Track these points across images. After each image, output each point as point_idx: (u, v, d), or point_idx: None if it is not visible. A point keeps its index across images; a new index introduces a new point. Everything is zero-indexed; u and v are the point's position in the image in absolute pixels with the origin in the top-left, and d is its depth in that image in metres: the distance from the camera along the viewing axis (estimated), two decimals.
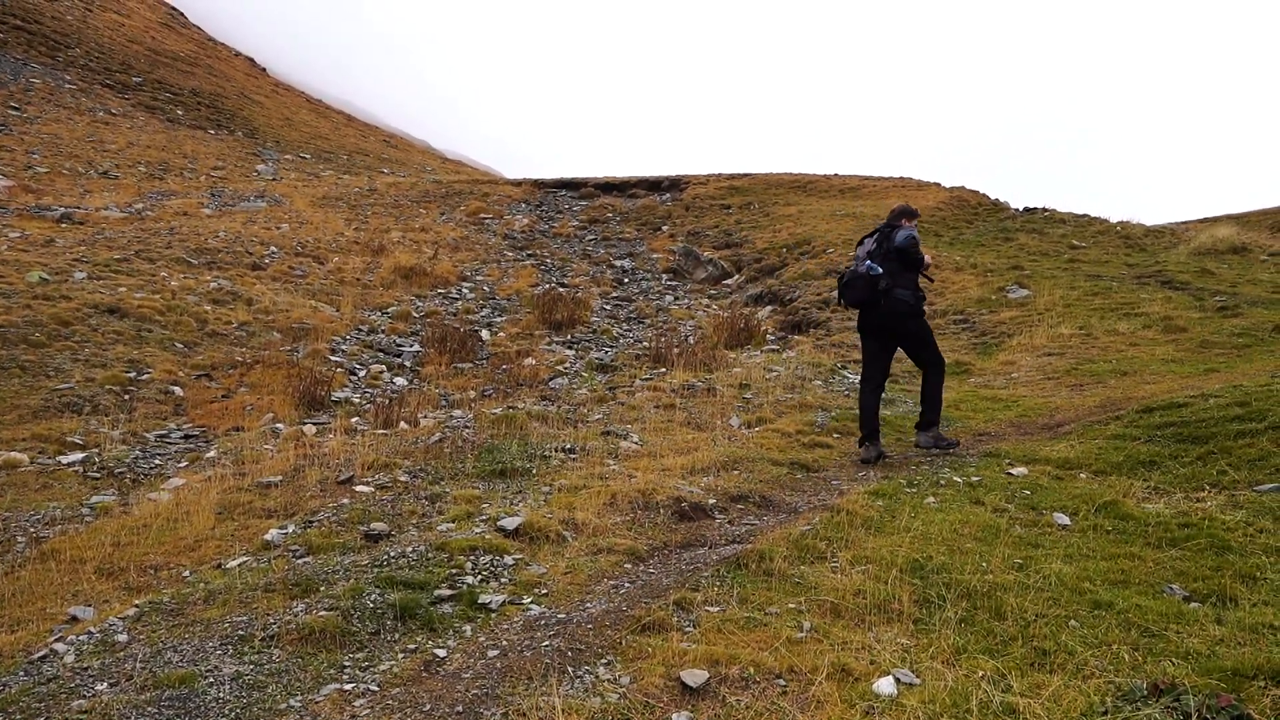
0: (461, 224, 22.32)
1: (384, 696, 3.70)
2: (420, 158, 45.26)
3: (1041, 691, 3.40)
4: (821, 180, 26.28)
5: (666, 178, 27.43)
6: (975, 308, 14.19)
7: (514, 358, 12.60)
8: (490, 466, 6.97)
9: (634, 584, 4.86)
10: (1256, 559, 4.77)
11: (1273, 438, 6.51)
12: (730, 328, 13.36)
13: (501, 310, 15.87)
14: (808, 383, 10.06)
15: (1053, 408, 9.07)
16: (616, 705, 3.53)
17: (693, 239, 21.32)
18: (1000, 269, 16.32)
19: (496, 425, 8.24)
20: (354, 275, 16.60)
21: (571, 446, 7.51)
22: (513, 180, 29.35)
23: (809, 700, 3.48)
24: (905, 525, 5.36)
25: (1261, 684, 3.39)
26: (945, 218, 21.06)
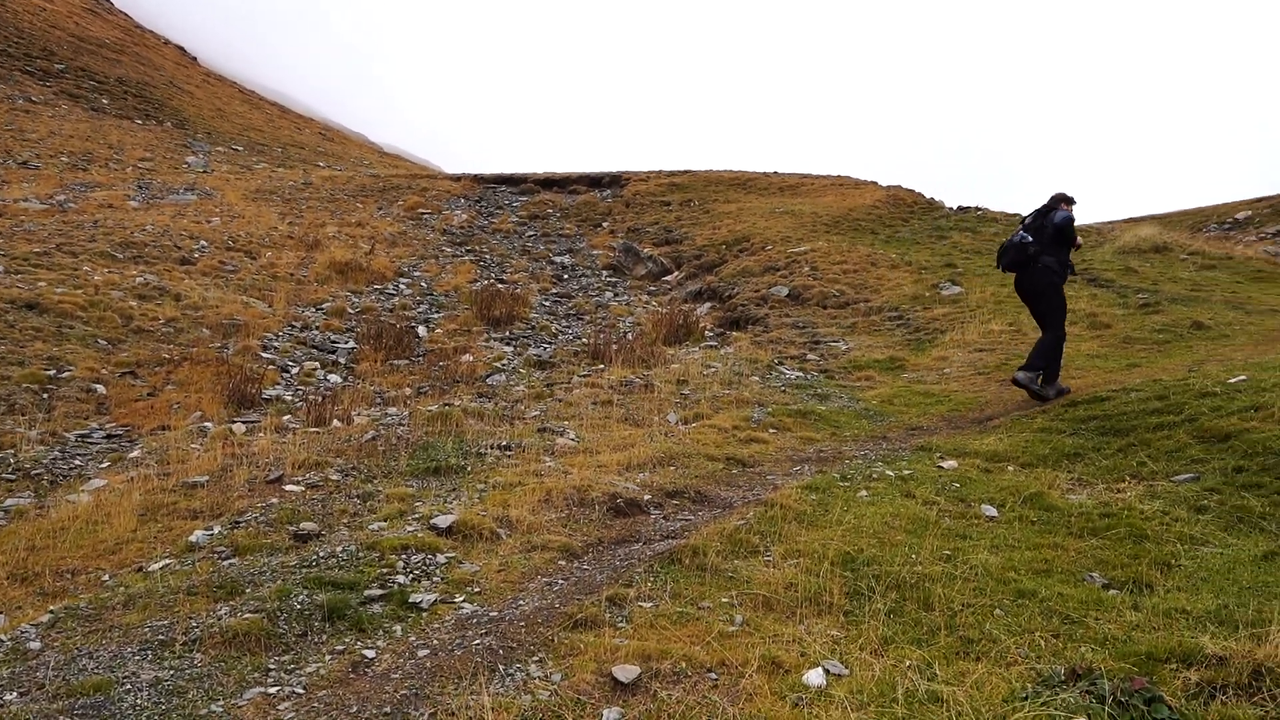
0: (399, 219, 22.01)
1: (309, 699, 3.63)
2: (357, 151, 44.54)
3: (966, 679, 3.46)
4: (761, 178, 26.46)
5: (607, 174, 27.38)
6: (910, 304, 14.41)
7: (451, 354, 12.46)
8: (424, 464, 6.88)
9: (568, 581, 4.84)
10: (1172, 547, 4.92)
11: (1189, 430, 6.73)
12: (669, 324, 13.39)
13: (439, 306, 15.69)
14: (745, 379, 10.12)
15: (983, 402, 9.26)
16: (547, 703, 3.51)
17: (633, 235, 21.32)
18: (934, 266, 16.60)
19: (432, 423, 8.15)
20: (288, 270, 16.26)
21: (508, 444, 7.45)
22: (452, 175, 29.04)
23: (740, 693, 3.50)
24: (838, 519, 5.42)
25: (1174, 667, 3.50)
26: (882, 216, 21.36)
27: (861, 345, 12.54)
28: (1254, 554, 4.73)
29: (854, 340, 12.85)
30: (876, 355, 11.87)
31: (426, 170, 39.19)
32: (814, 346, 12.47)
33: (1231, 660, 3.42)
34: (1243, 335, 11.83)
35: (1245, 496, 5.50)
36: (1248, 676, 3.34)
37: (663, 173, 27.18)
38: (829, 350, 12.28)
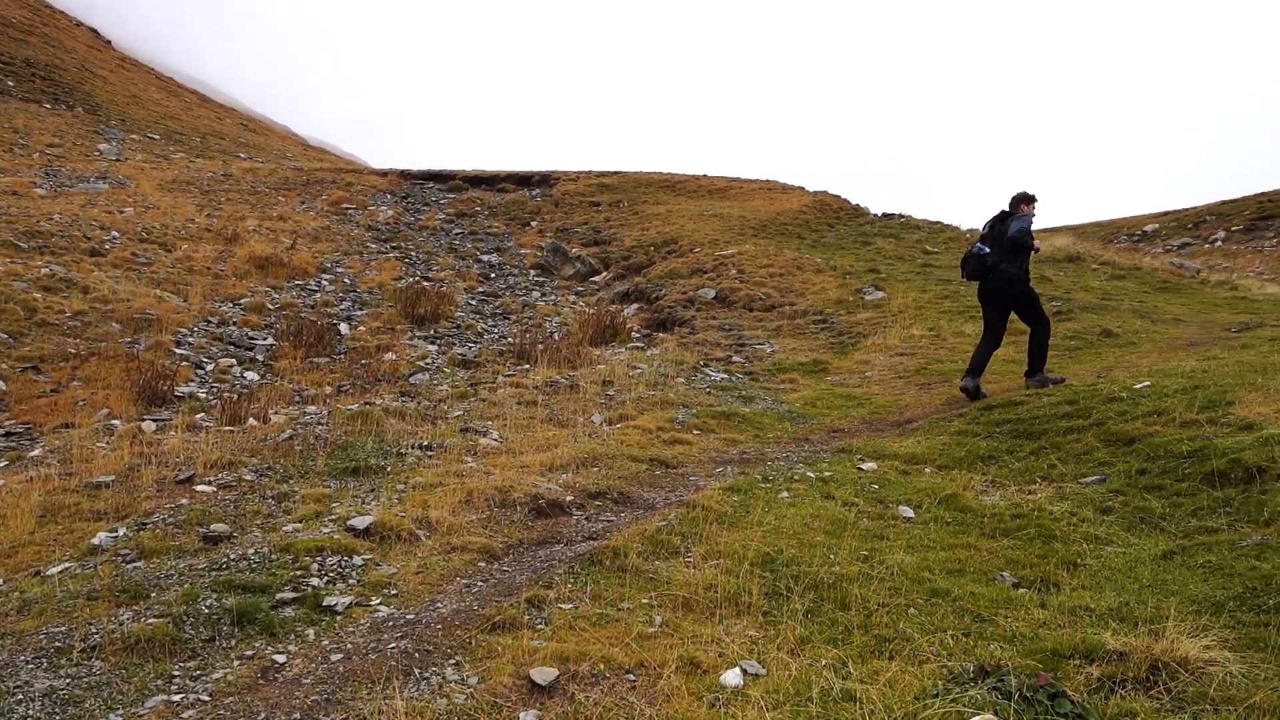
0: (323, 214, 21.56)
1: (215, 706, 3.51)
2: (281, 143, 43.49)
3: (879, 677, 3.51)
4: (690, 180, 26.62)
5: (537, 173, 27.24)
6: (834, 309, 14.64)
7: (374, 352, 12.25)
8: (343, 464, 6.74)
9: (487, 583, 4.79)
10: (1078, 546, 5.08)
11: (1096, 434, 6.95)
12: (596, 325, 13.36)
13: (362, 303, 15.40)
14: (670, 380, 10.15)
15: (903, 405, 9.44)
16: (463, 706, 3.46)
17: (562, 235, 21.24)
18: (858, 272, 16.90)
19: (352, 422, 7.99)
20: (204, 264, 15.79)
21: (429, 444, 7.34)
22: (378, 170, 28.56)
23: (657, 694, 3.49)
24: (759, 520, 5.46)
25: (1077, 663, 3.60)
26: (808, 221, 21.66)
27: (786, 348, 12.69)
28: (1154, 553, 4.90)
29: (779, 343, 13.00)
30: (801, 358, 12.02)
31: (352, 164, 38.47)
32: (739, 349, 12.58)
33: (1131, 655, 3.53)
34: (1148, 343, 12.29)
35: (1147, 498, 5.70)
36: (1146, 671, 3.45)
37: (592, 173, 27.15)
38: (754, 353, 12.40)
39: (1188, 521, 5.28)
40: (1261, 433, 5.88)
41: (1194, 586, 4.35)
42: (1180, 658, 3.46)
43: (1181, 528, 5.23)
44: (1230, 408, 6.59)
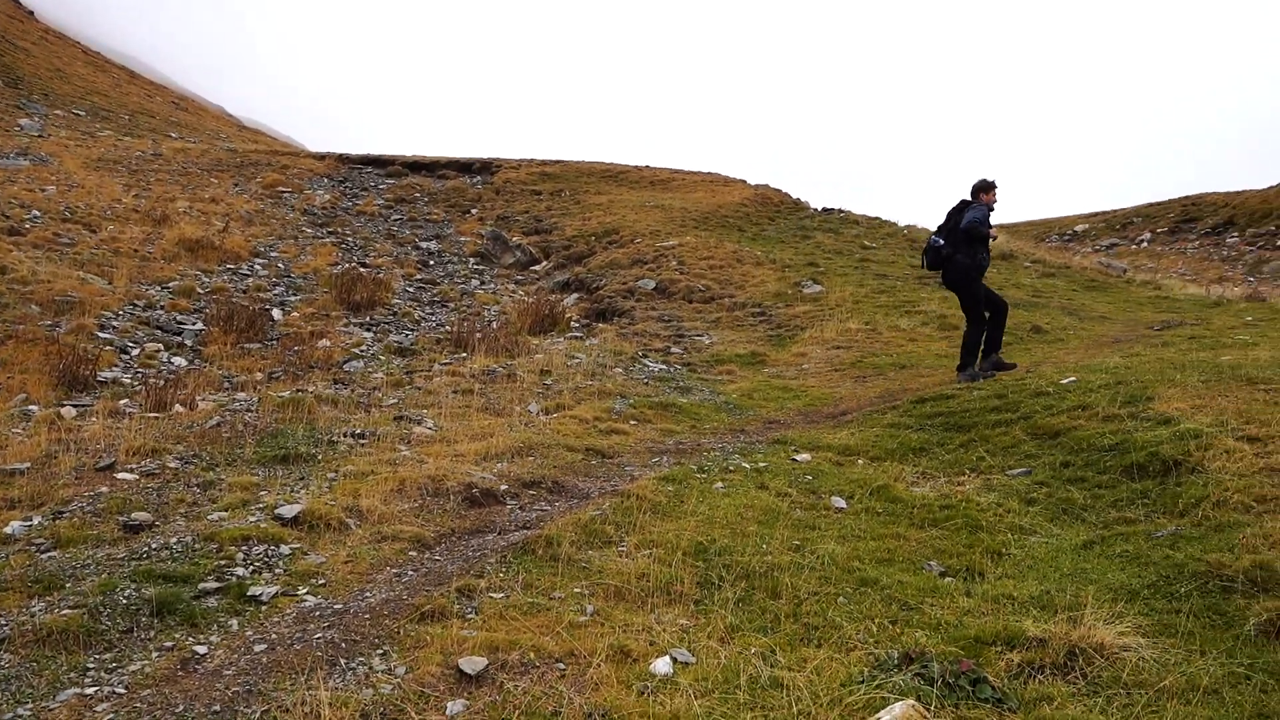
0: (257, 196, 21.06)
1: (131, 699, 3.41)
2: (214, 123, 42.37)
3: (807, 665, 3.55)
4: (633, 171, 26.59)
5: (478, 160, 26.97)
6: (772, 301, 14.75)
7: (307, 339, 12.01)
8: (272, 452, 6.60)
9: (417, 572, 4.73)
10: (1003, 536, 5.19)
11: (1024, 427, 7.11)
12: (535, 314, 13.28)
13: (297, 289, 15.09)
14: (609, 370, 10.14)
15: (838, 398, 9.56)
16: (390, 696, 3.42)
17: (502, 224, 21.07)
18: (797, 265, 17.06)
19: (283, 409, 7.83)
20: (131, 246, 15.32)
21: (362, 432, 7.23)
22: (315, 154, 28.00)
23: (587, 683, 3.49)
24: (692, 509, 5.48)
25: (999, 649, 3.68)
26: (749, 214, 21.79)
27: (725, 340, 12.76)
28: (1075, 543, 5.04)
29: (717, 335, 13.07)
30: (739, 350, 12.10)
31: (289, 147, 37.66)
32: (678, 340, 12.61)
33: (1050, 642, 3.63)
34: (1075, 340, 12.63)
35: (1070, 490, 5.85)
36: (1064, 657, 3.55)
37: (535, 161, 26.98)
38: (693, 344, 12.44)
39: (1107, 512, 5.43)
40: (1178, 427, 6.07)
41: (1111, 575, 4.48)
42: (1096, 643, 3.56)
43: (1101, 518, 5.38)
44: (1150, 403, 6.80)
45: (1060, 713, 3.15)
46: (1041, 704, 3.25)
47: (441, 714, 3.31)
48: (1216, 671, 3.40)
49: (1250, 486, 5.02)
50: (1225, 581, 4.08)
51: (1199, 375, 7.46)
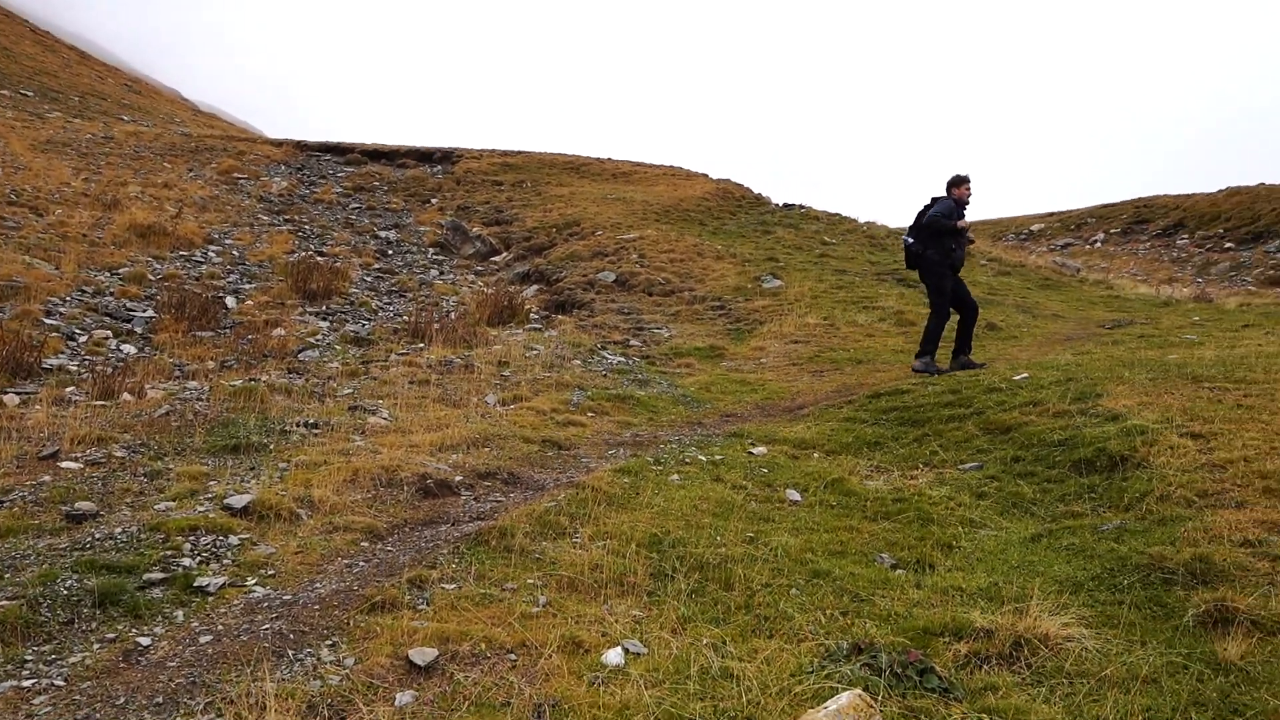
0: (212, 182, 20.68)
1: (70, 692, 3.34)
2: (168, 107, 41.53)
3: (758, 655, 3.57)
4: (595, 163, 26.52)
5: (439, 149, 26.73)
6: (732, 295, 14.80)
7: (262, 327, 11.81)
8: (223, 442, 6.50)
9: (369, 563, 4.68)
10: (954, 529, 5.26)
11: (977, 422, 7.21)
12: (494, 305, 13.20)
13: (251, 277, 14.84)
14: (567, 362, 10.11)
15: (795, 392, 9.62)
16: (338, 688, 3.38)
17: (462, 214, 20.90)
18: (757, 259, 17.12)
19: (235, 398, 7.72)
20: (80, 231, 14.96)
21: (316, 421, 7.14)
22: (273, 140, 27.56)
23: (538, 674, 3.47)
24: (648, 501, 5.49)
25: (946, 640, 3.73)
26: (711, 208, 21.83)
27: (684, 333, 12.78)
28: (1023, 536, 5.12)
29: (677, 328, 13.08)
30: (698, 343, 12.12)
31: (246, 133, 37.03)
32: (637, 332, 12.61)
33: (997, 633, 3.68)
34: (1029, 337, 12.83)
35: (1020, 484, 5.94)
36: (1009, 647, 3.60)
37: (496, 152, 26.80)
38: (652, 337, 12.44)
39: (1055, 506, 5.52)
40: (1125, 423, 6.19)
41: (1058, 568, 4.55)
42: (1041, 634, 3.62)
43: (1050, 512, 5.47)
44: (1099, 399, 6.92)
45: (1005, 702, 3.20)
46: (987, 693, 3.30)
47: (390, 705, 3.28)
48: (1156, 661, 3.47)
49: (1193, 482, 5.13)
50: (1166, 574, 4.17)
51: (1147, 373, 7.61)
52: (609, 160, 27.05)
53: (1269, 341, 9.51)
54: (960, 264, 9.81)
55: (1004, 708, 3.15)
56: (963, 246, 9.79)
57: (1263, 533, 4.36)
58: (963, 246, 9.79)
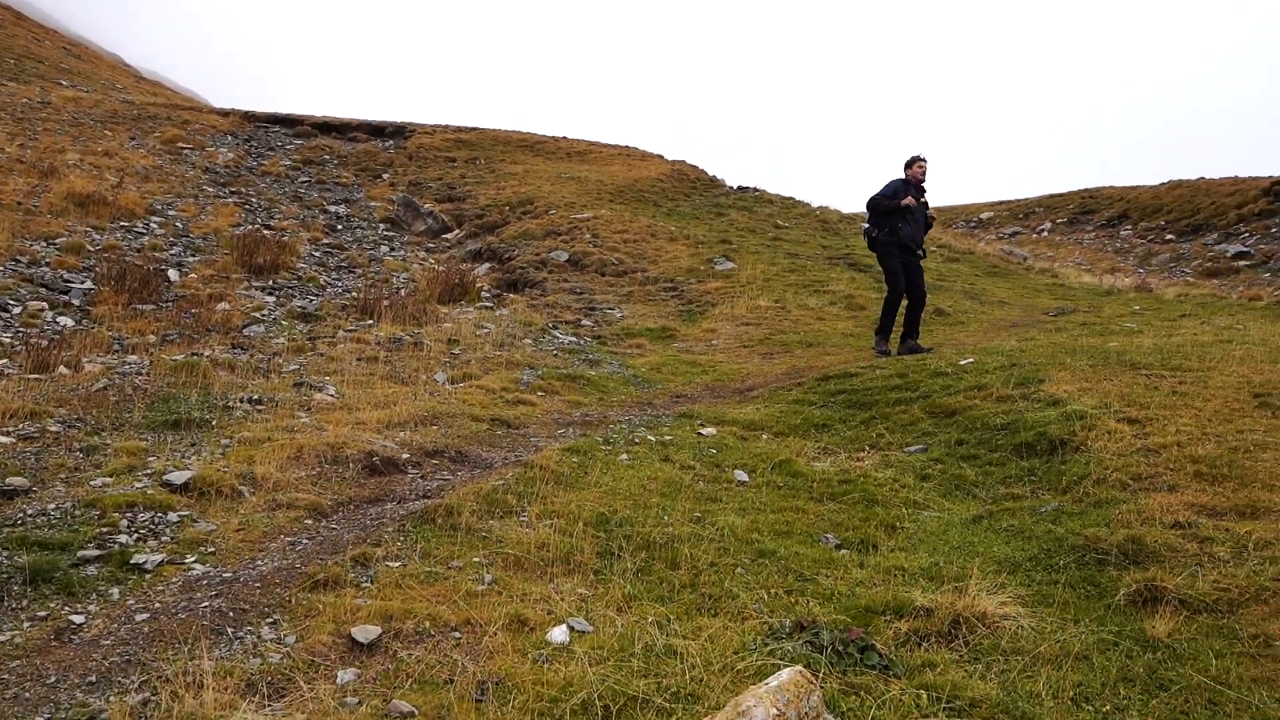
0: (155, 152, 20.16)
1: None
2: (110, 72, 40.33)
3: (702, 633, 3.59)
4: (550, 142, 26.32)
5: (391, 124, 26.32)
6: (685, 277, 14.82)
7: (205, 301, 11.57)
8: (163, 417, 6.36)
9: (312, 540, 4.63)
10: (898, 510, 5.34)
11: (923, 406, 7.31)
12: (445, 282, 13.07)
13: (195, 250, 14.52)
14: (518, 341, 10.06)
15: (745, 374, 9.67)
16: (278, 665, 3.34)
17: (414, 190, 20.63)
18: (711, 242, 17.16)
19: (176, 373, 7.55)
20: (14, 199, 14.51)
21: (260, 398, 7.02)
22: (219, 109, 26.93)
23: (482, 651, 3.46)
24: (596, 481, 5.49)
25: (888, 618, 3.79)
26: (665, 189, 21.81)
27: (636, 314, 12.78)
28: (965, 517, 5.21)
29: (629, 308, 13.08)
30: (649, 324, 12.13)
31: (191, 101, 36.11)
32: (589, 312, 12.58)
33: (936, 611, 3.75)
34: (975, 323, 13.03)
35: (963, 466, 6.04)
36: (948, 625, 3.67)
37: (450, 128, 26.47)
38: (604, 317, 12.43)
39: (997, 489, 5.63)
40: (1065, 408, 6.32)
41: (997, 548, 4.65)
42: (979, 613, 3.69)
43: (991, 494, 5.57)
44: (1041, 385, 7.05)
45: (942, 678, 3.26)
46: (925, 670, 3.36)
47: (332, 683, 3.25)
48: (1088, 639, 3.56)
49: (1128, 465, 5.26)
50: (1100, 554, 4.27)
51: (1088, 360, 7.77)
52: (564, 139, 26.88)
53: (1204, 331, 9.77)
54: (912, 243, 9.90)
55: (941, 684, 3.21)
56: (914, 225, 9.90)
57: (1192, 515, 4.49)
58: (914, 225, 9.90)
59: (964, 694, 3.15)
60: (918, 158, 9.87)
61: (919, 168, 9.83)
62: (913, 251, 9.94)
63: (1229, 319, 11.40)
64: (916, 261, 10.03)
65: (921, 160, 9.86)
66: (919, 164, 9.84)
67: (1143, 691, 3.21)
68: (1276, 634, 3.46)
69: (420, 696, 3.16)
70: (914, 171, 9.84)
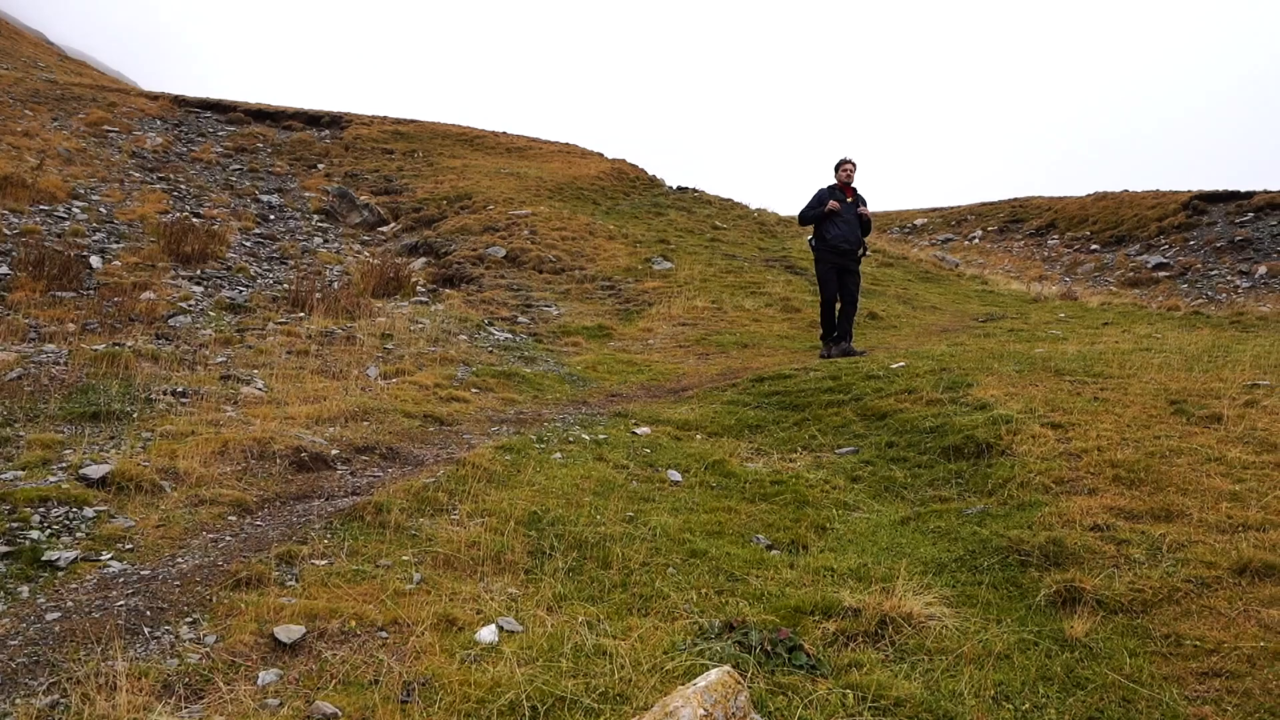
0: (79, 134, 19.48)
1: None
2: (31, 50, 38.88)
3: (632, 633, 3.59)
4: (490, 136, 26.11)
5: (328, 113, 25.84)
6: (623, 276, 14.82)
7: (129, 290, 11.20)
8: (81, 409, 6.15)
9: (236, 537, 4.51)
10: (828, 511, 5.40)
11: (854, 408, 7.42)
12: (380, 276, 12.87)
13: (120, 237, 14.06)
14: (453, 337, 9.95)
15: (680, 373, 9.70)
16: (196, 666, 3.24)
17: (350, 181, 20.28)
18: (649, 241, 17.19)
19: (96, 363, 7.31)
20: None
21: (184, 390, 6.83)
22: (148, 92, 26.14)
23: (409, 651, 3.41)
24: (529, 479, 5.45)
25: (816, 618, 3.83)
26: (605, 188, 21.79)
27: (573, 311, 12.74)
28: (894, 519, 5.29)
29: (566, 306, 13.03)
30: (586, 322, 12.10)
31: (118, 83, 34.99)
32: (526, 309, 12.51)
33: (864, 611, 3.80)
34: (908, 327, 13.27)
35: (892, 468, 6.14)
36: (875, 625, 3.72)
37: (388, 119, 26.09)
38: (541, 314, 12.36)
39: (925, 491, 5.73)
40: (992, 412, 6.46)
41: (924, 549, 4.73)
42: (905, 613, 3.75)
43: (919, 496, 5.67)
44: (970, 389, 7.20)
45: (868, 678, 3.30)
46: (852, 670, 3.40)
47: (252, 684, 3.17)
48: (1009, 638, 3.64)
49: (1051, 469, 5.39)
50: (1023, 556, 4.38)
51: (1014, 365, 7.96)
52: (504, 134, 26.68)
53: (1125, 339, 10.09)
54: (844, 243, 10.08)
55: (867, 683, 3.25)
56: (845, 224, 10.05)
57: (1110, 518, 4.62)
58: (845, 224, 10.05)
59: (889, 693, 3.20)
60: (844, 160, 10.15)
61: (844, 171, 10.12)
62: (845, 253, 10.09)
63: (1148, 328, 11.79)
64: (851, 264, 10.17)
65: (847, 163, 10.14)
66: (844, 167, 10.14)
67: (1060, 690, 3.29)
68: (1187, 633, 3.58)
69: (344, 697, 3.10)
70: (841, 175, 10.12)
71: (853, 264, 10.20)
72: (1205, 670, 3.34)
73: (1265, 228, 24.33)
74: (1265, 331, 11.75)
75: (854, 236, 10.14)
